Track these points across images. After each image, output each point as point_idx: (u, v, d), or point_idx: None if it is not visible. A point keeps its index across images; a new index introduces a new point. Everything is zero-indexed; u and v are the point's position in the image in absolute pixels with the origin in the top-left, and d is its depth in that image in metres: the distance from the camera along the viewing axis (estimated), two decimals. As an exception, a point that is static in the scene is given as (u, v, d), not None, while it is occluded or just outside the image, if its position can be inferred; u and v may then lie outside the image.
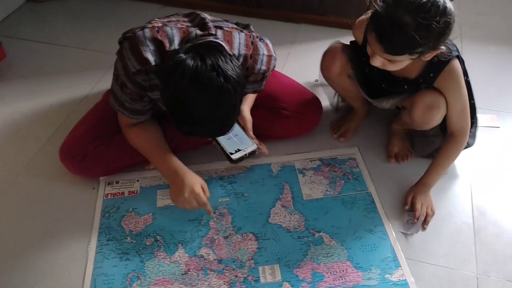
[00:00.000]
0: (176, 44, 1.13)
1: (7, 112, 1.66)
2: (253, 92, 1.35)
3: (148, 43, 1.12)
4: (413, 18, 1.01)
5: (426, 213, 1.28)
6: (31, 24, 2.14)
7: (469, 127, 1.29)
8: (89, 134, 1.35)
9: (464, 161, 1.45)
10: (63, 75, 1.84)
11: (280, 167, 1.44)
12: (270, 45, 1.29)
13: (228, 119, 1.08)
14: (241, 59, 1.19)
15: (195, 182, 1.24)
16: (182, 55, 1.01)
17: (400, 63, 1.14)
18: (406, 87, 1.31)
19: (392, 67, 1.16)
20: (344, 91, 1.47)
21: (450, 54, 1.17)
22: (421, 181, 1.34)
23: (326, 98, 1.63)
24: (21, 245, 1.24)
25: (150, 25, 1.15)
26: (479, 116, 1.47)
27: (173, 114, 1.06)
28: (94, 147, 1.33)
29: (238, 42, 1.19)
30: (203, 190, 1.24)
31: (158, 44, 1.12)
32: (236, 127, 1.34)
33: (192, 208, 1.23)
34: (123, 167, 1.40)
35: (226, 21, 1.29)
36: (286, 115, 1.44)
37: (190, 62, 0.99)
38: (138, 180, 1.40)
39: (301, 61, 1.85)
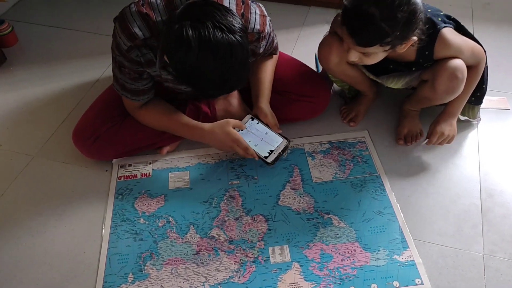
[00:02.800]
0: (161, 14, 1.13)
1: (21, 96, 1.69)
2: (252, 53, 1.33)
3: (134, 18, 1.12)
4: (379, 9, 1.05)
5: (445, 135, 1.35)
6: (42, 9, 2.16)
7: (484, 55, 1.30)
8: (101, 116, 1.37)
9: (473, 143, 1.46)
10: (75, 59, 1.86)
11: (290, 150, 1.45)
12: (263, 7, 1.28)
13: (244, 67, 1.07)
14: None
15: (227, 133, 1.29)
16: (177, 25, 0.99)
17: (375, 56, 1.19)
18: (414, 68, 1.32)
19: (368, 61, 1.20)
20: (347, 78, 1.45)
21: (435, 29, 1.20)
22: (445, 111, 1.38)
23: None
24: (37, 225, 1.28)
25: (136, 0, 1.16)
26: (489, 98, 1.47)
27: (191, 84, 1.07)
28: (106, 129, 1.35)
29: (228, 2, 1.18)
30: (234, 127, 1.31)
31: (144, 17, 1.13)
32: (262, 127, 1.36)
33: (240, 153, 1.31)
34: (136, 149, 1.42)
35: None
36: (295, 98, 1.45)
37: (190, 31, 0.97)
38: (150, 163, 1.42)
39: (310, 44, 1.84)
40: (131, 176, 1.39)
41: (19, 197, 1.36)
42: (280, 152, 1.33)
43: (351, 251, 1.20)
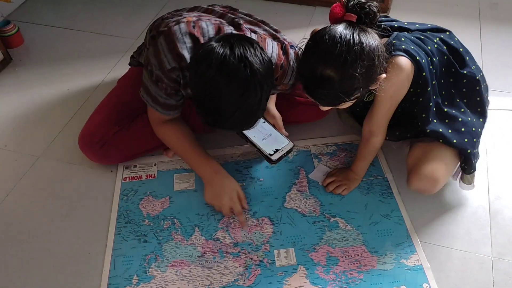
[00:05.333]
0: None
1: (27, 97, 1.69)
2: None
3: (185, 39, 1.10)
4: (334, 70, 0.99)
5: (337, 186, 1.32)
6: (47, 10, 2.16)
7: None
8: (107, 121, 1.35)
9: (482, 145, 1.43)
10: (80, 60, 1.86)
11: (296, 152, 1.44)
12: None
13: (252, 113, 1.06)
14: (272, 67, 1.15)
15: (233, 188, 1.25)
16: (213, 43, 1.01)
17: (346, 104, 1.09)
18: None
19: (343, 106, 1.11)
20: None
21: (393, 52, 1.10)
22: (351, 169, 1.34)
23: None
24: (42, 226, 1.28)
25: (184, 19, 1.13)
26: (498, 98, 1.45)
27: (199, 103, 1.06)
28: (113, 134, 1.34)
29: (271, 50, 1.18)
30: (240, 199, 1.26)
31: (194, 40, 1.11)
32: (268, 126, 1.35)
33: (225, 214, 1.26)
34: (142, 152, 1.41)
35: (259, 25, 1.27)
36: (299, 101, 1.44)
37: (219, 50, 0.99)
38: (155, 164, 1.42)
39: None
40: (136, 177, 1.39)
41: (24, 197, 1.35)
42: (285, 153, 1.32)
43: (358, 255, 1.19)
